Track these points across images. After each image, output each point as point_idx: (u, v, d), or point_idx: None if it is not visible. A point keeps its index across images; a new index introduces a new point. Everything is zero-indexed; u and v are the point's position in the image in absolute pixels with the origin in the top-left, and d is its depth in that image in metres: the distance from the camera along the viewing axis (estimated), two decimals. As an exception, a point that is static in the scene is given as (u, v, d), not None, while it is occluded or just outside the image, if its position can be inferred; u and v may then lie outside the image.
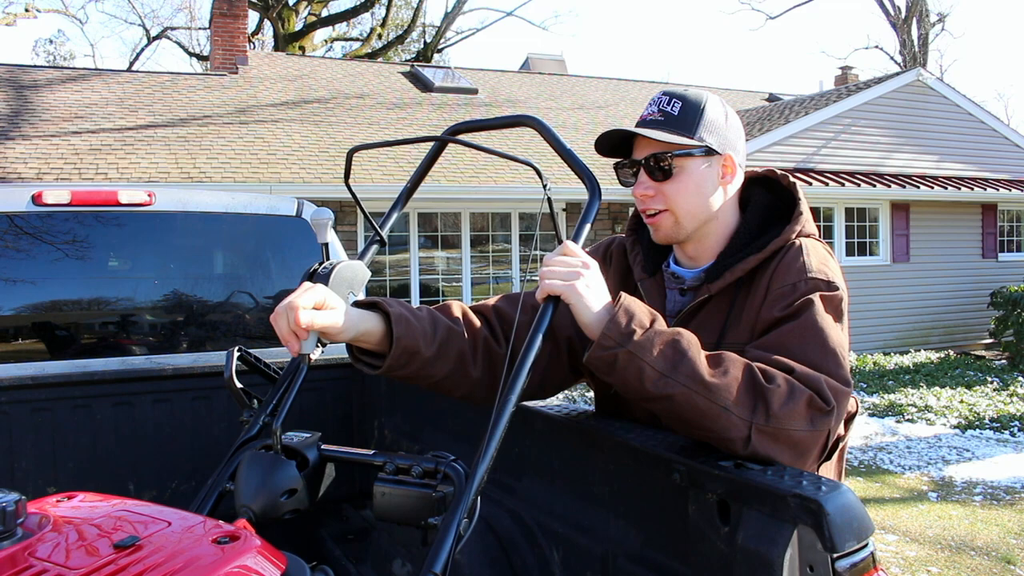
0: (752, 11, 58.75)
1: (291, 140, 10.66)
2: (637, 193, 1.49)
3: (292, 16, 23.13)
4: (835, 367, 1.27)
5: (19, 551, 1.04)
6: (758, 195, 1.55)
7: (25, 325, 2.67)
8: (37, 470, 2.45)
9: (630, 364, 1.24)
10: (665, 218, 1.48)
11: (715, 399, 1.20)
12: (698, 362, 1.23)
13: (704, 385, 1.20)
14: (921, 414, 7.71)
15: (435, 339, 1.43)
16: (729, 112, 1.52)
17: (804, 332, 1.30)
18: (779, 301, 1.35)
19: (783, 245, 1.43)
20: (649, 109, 1.49)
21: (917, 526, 4.85)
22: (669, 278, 1.57)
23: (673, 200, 1.46)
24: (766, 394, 1.20)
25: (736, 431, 1.20)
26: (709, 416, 1.21)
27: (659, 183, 1.46)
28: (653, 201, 1.48)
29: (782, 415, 1.19)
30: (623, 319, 1.25)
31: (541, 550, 1.62)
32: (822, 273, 1.37)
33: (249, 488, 1.40)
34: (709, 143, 1.46)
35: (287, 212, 2.99)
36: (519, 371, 1.28)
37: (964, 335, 12.60)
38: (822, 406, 1.21)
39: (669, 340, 1.25)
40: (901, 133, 12.14)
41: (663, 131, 1.44)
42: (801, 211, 1.48)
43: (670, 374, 1.22)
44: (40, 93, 10.97)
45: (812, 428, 1.21)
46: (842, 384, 1.26)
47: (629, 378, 1.25)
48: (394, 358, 1.39)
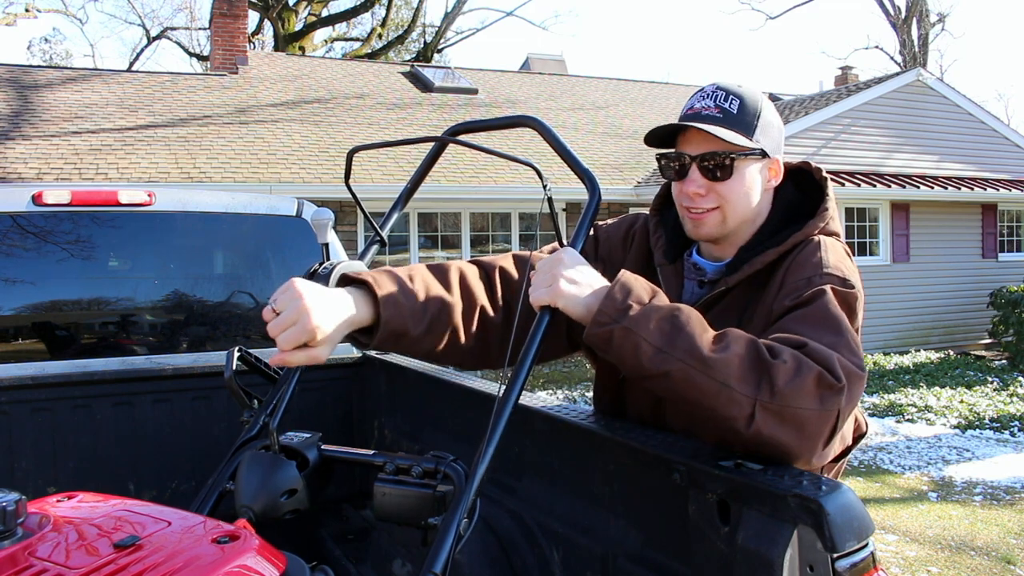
0: (752, 11, 58.83)
1: (291, 140, 10.67)
2: (689, 190, 1.43)
3: (292, 16, 23.13)
4: (849, 352, 1.19)
5: (19, 551, 1.04)
6: (785, 189, 1.52)
7: (25, 325, 2.67)
8: (37, 470, 2.45)
9: (626, 340, 1.20)
10: (713, 216, 1.44)
11: (714, 375, 1.14)
12: (697, 337, 1.18)
13: (702, 360, 1.15)
14: (921, 414, 7.71)
15: (425, 316, 1.40)
16: (776, 114, 1.49)
17: (816, 317, 1.24)
18: (791, 293, 1.31)
19: (803, 240, 1.39)
20: (703, 103, 1.43)
21: (917, 526, 4.85)
22: (690, 268, 1.53)
23: (726, 199, 1.42)
24: (771, 369, 1.13)
25: (738, 408, 1.13)
26: (709, 393, 1.15)
27: (713, 182, 1.42)
28: (704, 200, 1.43)
29: (788, 392, 1.12)
30: (619, 295, 1.23)
31: (541, 550, 1.62)
32: (838, 270, 1.32)
33: (249, 488, 1.40)
34: (764, 147, 1.43)
35: (287, 212, 2.99)
36: (517, 374, 1.28)
37: (964, 335, 12.60)
38: (832, 383, 1.13)
39: (667, 315, 1.21)
40: (901, 133, 12.14)
41: (725, 129, 1.40)
42: (827, 207, 1.44)
43: (667, 349, 1.17)
44: (40, 93, 10.98)
45: (821, 407, 1.13)
46: (856, 367, 1.18)
47: (626, 355, 1.21)
48: (381, 339, 1.37)
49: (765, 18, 47.29)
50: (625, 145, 12.86)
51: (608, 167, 11.66)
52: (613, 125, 14.04)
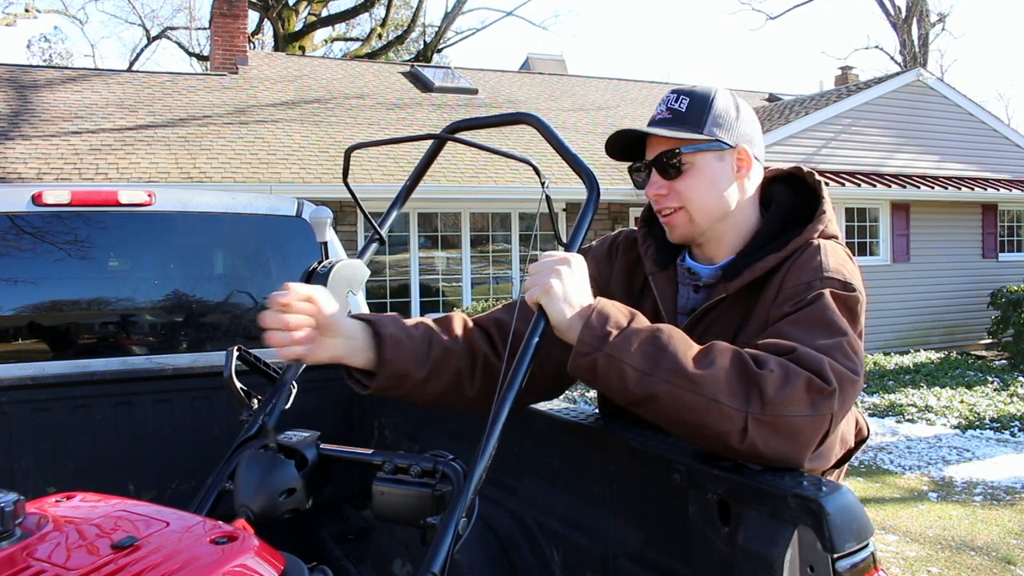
0: (752, 11, 58.83)
1: (291, 140, 10.67)
2: (651, 193, 1.45)
3: (292, 16, 23.14)
4: (843, 356, 1.17)
5: (17, 551, 1.04)
6: (781, 194, 1.50)
7: (25, 325, 2.67)
8: (37, 470, 2.45)
9: (610, 367, 1.19)
10: (680, 216, 1.44)
11: (702, 392, 1.13)
12: (681, 355, 1.16)
13: (688, 379, 1.14)
14: (921, 414, 7.70)
15: (427, 360, 1.40)
16: (741, 105, 1.48)
17: (810, 320, 1.23)
18: (790, 299, 1.29)
19: (803, 244, 1.38)
20: (658, 109, 1.46)
21: (917, 526, 4.85)
22: (684, 273, 1.52)
23: (686, 197, 1.43)
24: (759, 380, 1.12)
25: (730, 423, 1.12)
26: (699, 411, 1.13)
27: (671, 181, 1.43)
28: (666, 200, 1.44)
29: (779, 401, 1.10)
30: (597, 323, 1.21)
31: (541, 550, 1.62)
32: (839, 273, 1.30)
33: (248, 488, 1.40)
34: (719, 136, 1.42)
35: (287, 212, 2.99)
36: (516, 371, 1.27)
37: (964, 335, 12.60)
38: (823, 387, 1.12)
39: (648, 337, 1.19)
40: (901, 133, 12.14)
41: (670, 128, 1.41)
42: (824, 211, 1.43)
43: (651, 371, 1.16)
44: (40, 93, 10.98)
45: (813, 412, 1.12)
46: (849, 371, 1.16)
47: (612, 382, 1.20)
48: (383, 379, 1.37)
49: (765, 18, 47.37)
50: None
51: (608, 167, 11.65)
52: (613, 125, 14.03)
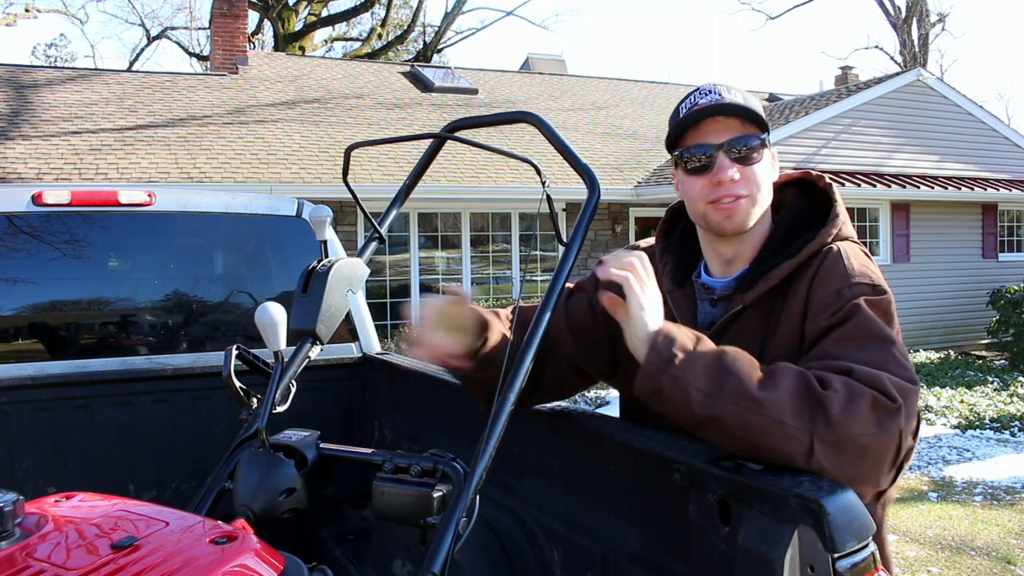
0: (752, 11, 58.78)
1: (291, 140, 10.66)
2: (723, 178, 1.37)
3: (292, 16, 23.13)
4: (897, 366, 1.18)
5: (17, 551, 1.04)
6: (792, 198, 1.49)
7: (25, 325, 2.67)
8: (37, 470, 2.45)
9: (675, 388, 1.19)
10: (745, 204, 1.39)
11: (767, 413, 1.13)
12: (746, 377, 1.16)
13: (753, 400, 1.14)
14: (921, 414, 7.69)
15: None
16: None
17: (857, 335, 1.22)
18: (824, 311, 1.27)
19: (819, 249, 1.36)
20: (708, 98, 1.39)
21: (917, 526, 4.85)
22: (700, 288, 1.50)
23: (756, 185, 1.39)
24: (824, 401, 1.11)
25: (796, 445, 1.11)
26: (763, 432, 1.13)
27: (748, 167, 1.38)
28: (737, 186, 1.38)
29: (844, 421, 1.10)
30: (663, 346, 1.21)
31: (541, 550, 1.62)
32: (866, 277, 1.30)
33: (248, 487, 1.40)
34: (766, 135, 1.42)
35: (287, 212, 2.99)
36: (518, 370, 1.27)
37: (964, 335, 12.60)
38: (888, 405, 1.12)
39: (713, 359, 1.19)
40: (901, 133, 12.13)
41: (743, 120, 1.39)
42: (837, 213, 1.41)
43: (716, 393, 1.16)
44: (40, 93, 10.97)
45: (880, 431, 1.11)
46: (907, 382, 1.16)
47: (676, 403, 1.20)
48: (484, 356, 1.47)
49: (765, 18, 47.40)
50: (625, 145, 12.86)
51: (608, 167, 11.66)
52: (613, 125, 14.04)
